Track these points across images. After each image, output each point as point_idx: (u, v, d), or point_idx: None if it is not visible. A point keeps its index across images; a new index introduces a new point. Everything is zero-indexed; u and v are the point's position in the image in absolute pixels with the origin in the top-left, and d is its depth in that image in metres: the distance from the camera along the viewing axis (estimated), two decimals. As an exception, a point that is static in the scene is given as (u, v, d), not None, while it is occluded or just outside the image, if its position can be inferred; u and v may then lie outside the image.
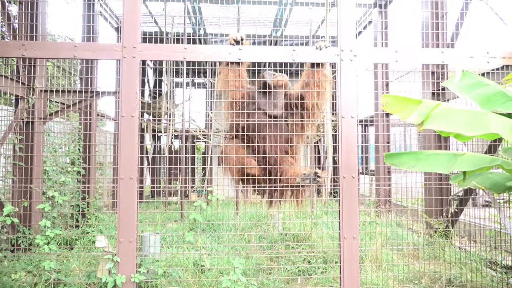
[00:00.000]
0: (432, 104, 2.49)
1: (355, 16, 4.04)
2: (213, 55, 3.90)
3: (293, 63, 4.12)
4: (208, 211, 4.78)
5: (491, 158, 2.81)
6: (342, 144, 3.75)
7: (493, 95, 2.96)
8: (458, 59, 3.99)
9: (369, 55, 3.97)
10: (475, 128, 2.31)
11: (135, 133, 3.62)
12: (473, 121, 2.36)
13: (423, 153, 3.13)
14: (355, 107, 3.91)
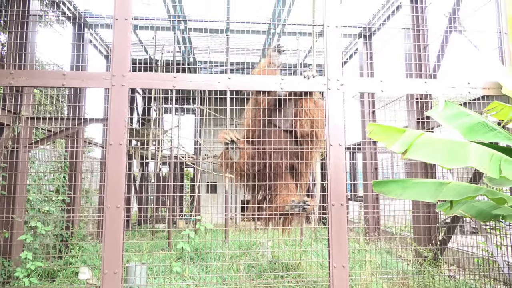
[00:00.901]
0: (415, 134, 2.55)
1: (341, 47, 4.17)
2: (202, 83, 3.95)
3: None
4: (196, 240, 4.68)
5: (475, 187, 2.86)
6: (331, 172, 3.78)
7: (475, 125, 3.06)
8: (441, 89, 4.13)
9: (355, 84, 4.07)
10: (455, 160, 2.37)
11: (122, 161, 3.59)
12: (453, 152, 2.42)
13: (410, 181, 3.17)
14: (343, 135, 3.97)
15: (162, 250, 8.26)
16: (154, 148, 11.99)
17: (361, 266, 5.85)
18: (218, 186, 14.38)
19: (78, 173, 6.92)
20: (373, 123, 2.80)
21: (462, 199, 2.91)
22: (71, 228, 6.74)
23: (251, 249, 7.28)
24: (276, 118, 4.31)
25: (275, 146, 4.19)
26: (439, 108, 3.30)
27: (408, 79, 4.29)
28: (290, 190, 4.30)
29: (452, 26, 5.12)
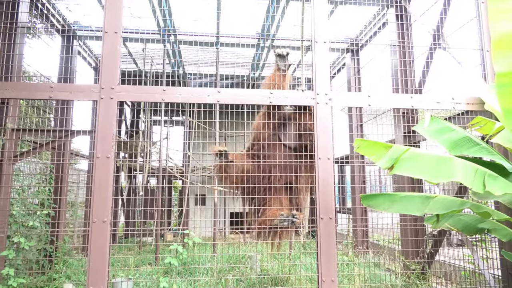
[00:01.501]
0: (401, 149, 2.59)
1: (329, 61, 4.24)
2: (191, 97, 3.95)
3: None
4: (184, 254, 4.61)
5: (461, 201, 2.90)
6: (319, 186, 3.79)
7: (460, 140, 3.12)
8: (426, 104, 4.22)
9: (343, 99, 4.14)
10: (441, 175, 2.41)
11: (110, 174, 3.54)
12: (439, 167, 2.46)
13: (398, 195, 3.20)
14: (331, 149, 4.01)
15: (149, 264, 8.11)
16: (143, 161, 11.88)
17: (350, 279, 5.83)
18: (207, 199, 14.28)
19: (64, 186, 6.79)
20: (360, 139, 2.84)
21: (449, 212, 2.95)
22: (56, 243, 6.58)
23: (240, 263, 7.20)
24: (281, 132, 4.37)
25: (275, 160, 4.21)
26: (425, 123, 3.36)
27: (395, 94, 4.37)
28: (283, 204, 4.31)
29: (437, 43, 5.27)
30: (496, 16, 2.14)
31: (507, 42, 2.12)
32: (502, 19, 2.12)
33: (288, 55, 4.54)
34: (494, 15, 2.14)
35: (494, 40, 2.17)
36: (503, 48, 2.14)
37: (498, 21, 2.12)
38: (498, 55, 2.18)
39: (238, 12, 7.18)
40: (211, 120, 10.01)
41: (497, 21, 2.13)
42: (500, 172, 2.81)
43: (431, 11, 5.46)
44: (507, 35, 2.11)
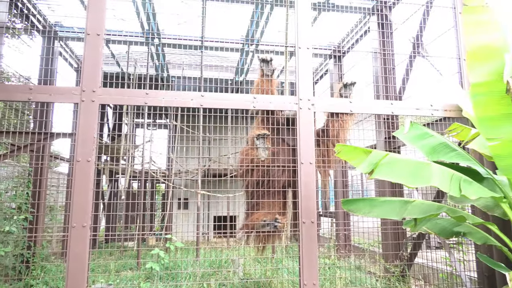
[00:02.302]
0: (381, 155, 2.65)
1: (313, 67, 4.30)
2: (174, 100, 3.94)
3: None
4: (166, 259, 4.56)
5: (438, 205, 2.99)
6: (302, 190, 3.82)
7: (438, 145, 3.21)
8: (406, 110, 4.32)
9: (326, 104, 4.19)
10: (418, 179, 2.48)
11: (90, 178, 3.49)
12: (417, 172, 2.53)
13: (378, 200, 3.27)
14: (314, 153, 4.05)
15: (131, 269, 7.98)
16: (125, 164, 11.71)
17: (332, 282, 5.88)
18: (190, 203, 14.17)
19: (43, 190, 6.62)
20: (341, 144, 2.89)
21: (426, 216, 3.02)
22: (33, 248, 6.40)
23: (222, 267, 7.16)
24: (290, 137, 4.41)
25: (279, 163, 4.26)
26: (405, 129, 3.45)
27: (376, 100, 4.45)
28: (276, 207, 4.38)
29: (416, 51, 5.41)
30: (470, 28, 2.22)
31: (481, 54, 2.20)
32: (476, 32, 2.20)
33: (272, 61, 4.59)
34: (469, 28, 2.23)
35: (469, 52, 2.25)
36: (477, 59, 2.23)
37: (473, 33, 2.21)
38: (473, 66, 2.26)
39: (223, 16, 7.20)
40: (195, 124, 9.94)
41: (471, 34, 2.21)
42: (475, 177, 2.90)
43: (411, 20, 5.61)
44: (481, 47, 2.20)
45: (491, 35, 2.22)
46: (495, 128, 2.44)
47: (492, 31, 2.22)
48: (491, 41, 2.22)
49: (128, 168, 10.68)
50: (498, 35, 2.23)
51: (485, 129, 2.48)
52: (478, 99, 2.35)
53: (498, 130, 2.43)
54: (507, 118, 2.36)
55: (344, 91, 4.54)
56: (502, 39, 2.24)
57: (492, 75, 2.27)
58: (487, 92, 2.31)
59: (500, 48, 2.23)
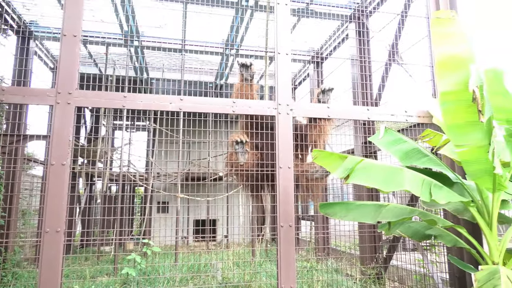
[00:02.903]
0: (356, 160, 2.72)
1: (292, 73, 4.37)
2: (153, 104, 3.92)
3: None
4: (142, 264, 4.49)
5: (410, 209, 3.08)
6: (280, 194, 3.86)
7: (411, 151, 3.32)
8: (382, 116, 4.44)
9: (304, 109, 4.26)
10: (391, 184, 2.56)
11: (64, 182, 3.42)
12: (390, 177, 2.61)
13: (354, 204, 3.34)
14: (292, 158, 4.10)
15: (107, 275, 7.82)
16: (103, 167, 11.49)
17: (310, 286, 5.94)
18: (170, 206, 14.01)
19: (15, 194, 6.42)
20: (318, 150, 2.95)
21: (399, 220, 3.12)
22: (4, 254, 6.19)
23: (201, 272, 7.12)
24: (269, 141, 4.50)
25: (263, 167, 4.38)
26: (380, 134, 3.54)
27: (353, 106, 4.57)
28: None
29: (392, 59, 5.57)
30: (438, 39, 2.33)
31: (449, 64, 2.30)
32: (444, 43, 2.31)
33: (252, 65, 4.65)
34: (437, 39, 2.33)
35: (438, 62, 2.35)
36: (445, 69, 2.33)
37: (441, 44, 2.31)
38: (442, 75, 2.37)
39: (204, 20, 7.20)
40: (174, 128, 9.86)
41: (440, 45, 2.31)
42: (445, 182, 3.02)
43: (388, 28, 5.77)
44: (449, 58, 2.30)
45: (458, 46, 2.33)
46: (463, 135, 2.55)
47: (459, 43, 2.33)
48: (458, 52, 2.34)
49: (106, 171, 10.48)
50: (464, 47, 2.35)
51: (453, 136, 2.59)
52: (447, 107, 2.46)
53: (466, 137, 2.54)
54: (473, 125, 2.48)
55: (322, 97, 4.63)
56: (468, 50, 2.36)
57: (459, 84, 2.39)
58: (455, 100, 2.42)
59: (467, 58, 2.35)
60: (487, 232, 2.86)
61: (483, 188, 2.82)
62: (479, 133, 2.45)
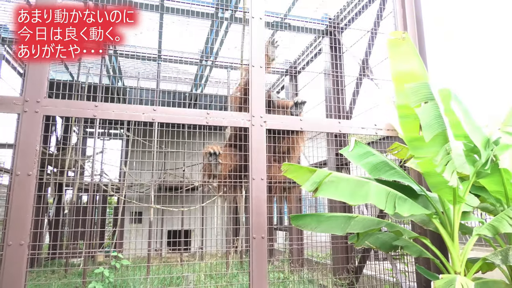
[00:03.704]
0: (324, 173, 2.80)
1: (268, 83, 4.44)
2: (125, 114, 3.89)
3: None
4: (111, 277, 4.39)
5: (378, 221, 3.18)
6: (253, 205, 3.89)
7: (379, 164, 3.44)
8: (352, 129, 4.57)
9: (278, 122, 4.33)
10: (357, 197, 2.65)
11: (30, 193, 3.33)
12: (356, 190, 2.70)
13: (324, 215, 3.42)
14: (265, 170, 4.15)
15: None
16: (73, 176, 11.17)
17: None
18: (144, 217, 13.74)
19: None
20: (287, 163, 3.01)
21: (368, 231, 3.21)
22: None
23: (174, 284, 7.00)
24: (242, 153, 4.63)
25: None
26: (350, 147, 3.65)
27: (324, 119, 4.69)
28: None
29: (363, 73, 5.77)
30: (394, 57, 2.47)
31: (403, 79, 2.45)
32: (398, 60, 2.45)
33: (277, 47, 4.97)
34: (393, 56, 2.47)
35: (394, 77, 2.50)
36: (400, 83, 2.47)
37: (397, 62, 2.45)
38: (397, 89, 2.51)
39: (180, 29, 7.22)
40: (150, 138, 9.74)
41: (395, 61, 2.46)
42: (411, 194, 3.14)
43: (360, 43, 5.99)
44: (402, 73, 2.45)
45: (410, 64, 2.49)
46: (421, 148, 2.68)
47: (411, 61, 2.49)
48: (411, 69, 2.50)
49: (76, 181, 10.20)
50: (415, 64, 2.51)
51: (413, 148, 2.72)
52: (405, 121, 2.59)
53: (424, 150, 2.67)
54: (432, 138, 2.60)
55: (294, 109, 4.73)
56: (419, 67, 2.52)
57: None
58: (411, 114, 2.56)
59: (419, 75, 2.51)
60: (449, 243, 2.98)
61: (445, 200, 2.95)
62: (437, 146, 2.58)
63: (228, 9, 6.12)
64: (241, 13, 5.94)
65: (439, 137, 2.54)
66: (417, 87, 2.45)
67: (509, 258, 2.59)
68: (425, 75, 2.53)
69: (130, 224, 13.58)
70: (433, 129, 2.45)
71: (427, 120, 2.43)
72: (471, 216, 3.28)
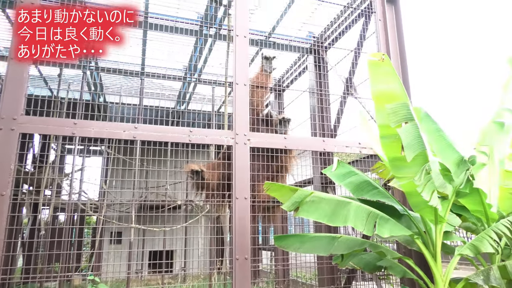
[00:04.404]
0: (305, 193, 2.84)
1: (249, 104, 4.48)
2: (105, 132, 3.88)
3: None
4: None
5: (361, 241, 3.22)
6: (236, 225, 3.89)
7: (362, 183, 3.51)
8: (337, 147, 4.66)
9: (262, 140, 4.38)
10: (337, 219, 2.70)
11: (3, 214, 3.27)
12: (336, 210, 2.75)
13: (308, 236, 3.44)
14: (249, 189, 4.17)
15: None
16: (50, 195, 10.92)
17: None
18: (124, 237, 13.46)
19: None
20: (269, 182, 3.05)
21: (352, 252, 3.24)
22: None
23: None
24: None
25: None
26: (333, 167, 3.72)
27: (309, 137, 4.77)
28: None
29: (348, 92, 5.92)
30: (374, 77, 2.58)
31: (383, 99, 2.55)
32: (378, 80, 2.55)
33: (274, 58, 5.19)
34: (373, 77, 2.58)
35: (374, 98, 2.59)
36: (380, 103, 2.57)
37: (376, 82, 2.55)
38: (378, 109, 2.60)
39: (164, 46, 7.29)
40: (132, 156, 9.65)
41: (375, 82, 2.56)
42: (393, 214, 3.20)
43: (344, 62, 6.15)
44: (382, 93, 2.54)
45: (390, 85, 2.60)
46: (403, 168, 2.76)
47: (390, 82, 2.60)
48: (391, 89, 2.60)
49: (53, 200, 9.97)
50: (396, 85, 2.61)
51: (394, 168, 2.79)
52: (386, 141, 2.67)
53: (406, 169, 2.75)
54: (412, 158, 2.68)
55: (279, 127, 4.80)
56: (400, 88, 2.63)
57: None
58: (392, 134, 2.64)
59: (399, 95, 2.61)
60: (432, 263, 3.04)
61: (427, 220, 3.02)
62: (417, 166, 2.66)
63: (212, 26, 6.23)
64: (226, 30, 6.06)
65: (419, 157, 2.62)
66: (397, 107, 2.54)
67: (491, 278, 2.66)
68: (405, 95, 2.63)
69: (110, 245, 13.27)
70: (414, 149, 2.53)
71: (408, 140, 2.52)
72: (453, 235, 3.35)
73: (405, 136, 2.50)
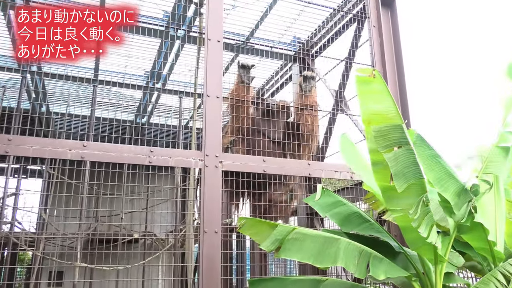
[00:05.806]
0: (287, 229, 2.88)
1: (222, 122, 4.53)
2: (47, 150, 3.84)
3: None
4: None
5: (351, 284, 3.28)
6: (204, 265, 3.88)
7: (351, 215, 3.58)
8: (324, 172, 4.75)
9: (236, 162, 4.42)
10: (325, 259, 2.75)
11: None
12: (324, 249, 2.80)
13: (289, 279, 3.48)
14: (220, 220, 4.17)
15: None
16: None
17: None
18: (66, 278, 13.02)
19: None
20: (244, 217, 3.07)
21: (339, 298, 3.28)
22: None
23: None
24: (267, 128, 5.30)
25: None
26: (317, 195, 3.77)
27: (292, 160, 4.84)
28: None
29: (338, 108, 6.05)
30: (364, 96, 2.68)
31: (373, 120, 2.65)
32: (369, 99, 2.66)
33: (253, 67, 5.50)
34: (363, 95, 2.69)
35: (364, 119, 2.69)
36: (371, 125, 2.67)
37: (366, 101, 2.66)
38: (368, 132, 2.70)
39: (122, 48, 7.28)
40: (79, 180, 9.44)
41: (365, 101, 2.67)
42: (388, 252, 3.27)
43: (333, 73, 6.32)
44: (373, 114, 2.65)
45: (382, 104, 2.70)
46: (396, 199, 2.84)
47: (383, 101, 2.70)
48: (383, 109, 2.70)
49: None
50: (388, 104, 2.71)
51: (387, 199, 2.88)
52: (377, 168, 2.76)
53: (400, 201, 2.83)
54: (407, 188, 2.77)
55: (304, 84, 5.34)
56: (393, 107, 2.73)
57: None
58: (384, 160, 2.72)
59: (392, 117, 2.71)
60: (432, 309, 3.10)
61: (425, 259, 3.10)
62: (413, 197, 2.75)
63: (181, 28, 6.30)
64: (197, 33, 6.13)
65: (415, 186, 2.72)
66: (387, 130, 2.64)
67: (497, 328, 2.73)
68: (398, 116, 2.72)
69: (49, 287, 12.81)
70: (407, 178, 2.62)
71: (399, 168, 2.61)
72: (455, 277, 3.45)
73: (394, 163, 2.59)
